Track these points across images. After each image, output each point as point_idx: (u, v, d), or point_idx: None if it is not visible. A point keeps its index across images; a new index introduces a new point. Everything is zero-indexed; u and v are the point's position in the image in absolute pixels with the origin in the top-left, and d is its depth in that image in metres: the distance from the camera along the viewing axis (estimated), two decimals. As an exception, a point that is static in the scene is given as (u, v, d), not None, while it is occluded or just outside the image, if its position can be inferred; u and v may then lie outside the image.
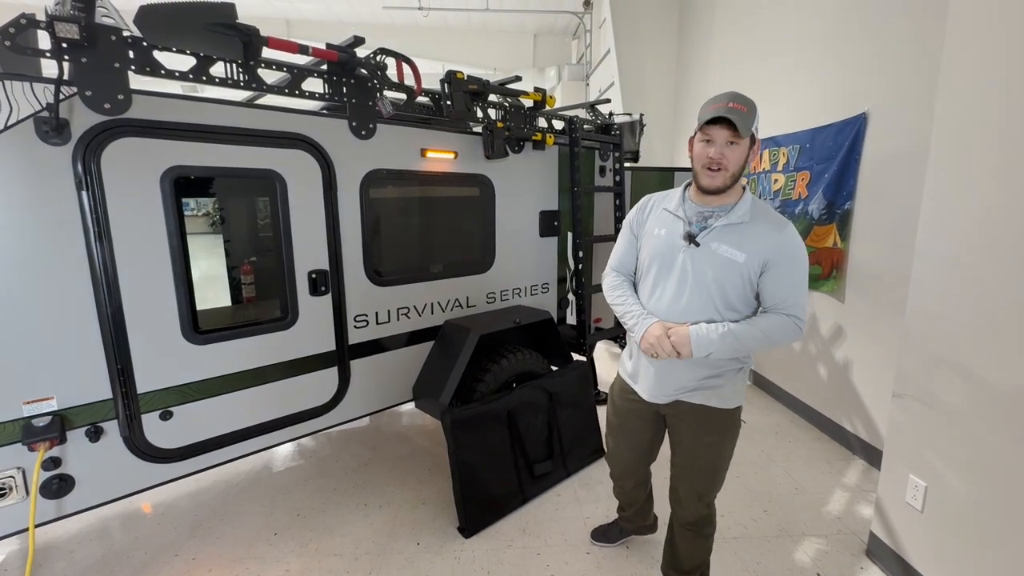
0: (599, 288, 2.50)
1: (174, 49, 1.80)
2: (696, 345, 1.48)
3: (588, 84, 8.42)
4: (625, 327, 1.69)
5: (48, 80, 1.59)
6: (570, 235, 3.40)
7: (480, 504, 2.41)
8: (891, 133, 2.82)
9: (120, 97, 1.70)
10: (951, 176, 1.83)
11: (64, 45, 1.57)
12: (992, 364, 1.68)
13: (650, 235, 1.67)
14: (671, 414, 1.72)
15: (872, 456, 2.94)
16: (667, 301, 1.59)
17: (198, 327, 2.00)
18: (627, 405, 1.82)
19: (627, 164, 3.86)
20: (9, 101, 1.54)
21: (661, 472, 1.89)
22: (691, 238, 1.54)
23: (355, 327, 2.46)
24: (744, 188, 1.57)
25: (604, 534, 2.31)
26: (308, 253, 2.25)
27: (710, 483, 1.73)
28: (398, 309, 2.62)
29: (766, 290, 1.51)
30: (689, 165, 1.60)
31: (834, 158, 3.17)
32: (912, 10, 2.68)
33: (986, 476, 1.71)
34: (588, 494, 2.68)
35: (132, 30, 1.72)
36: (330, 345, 2.38)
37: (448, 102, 2.63)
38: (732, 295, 1.52)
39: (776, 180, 3.80)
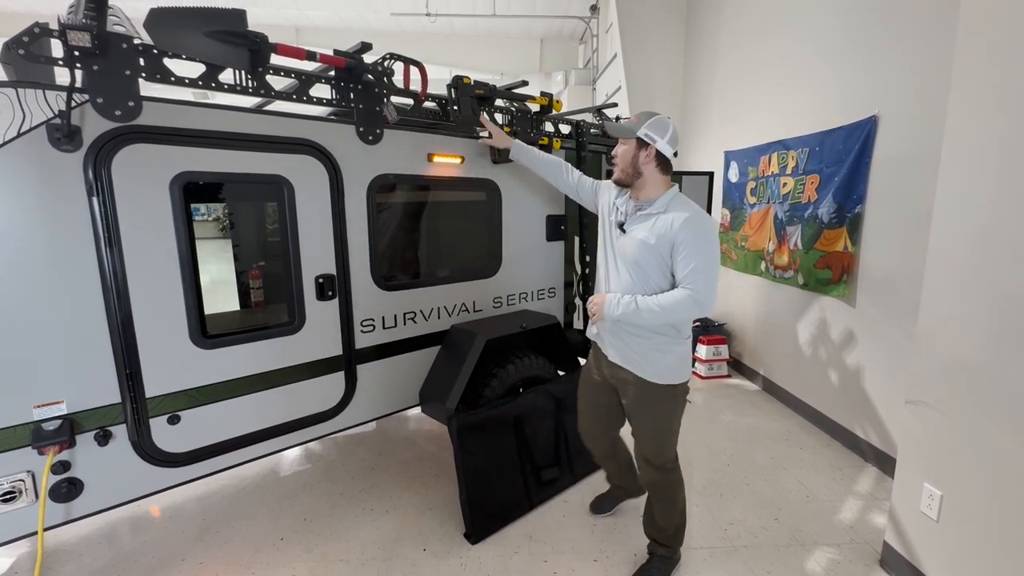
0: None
1: (184, 56, 1.82)
2: (607, 308, 1.84)
3: (595, 89, 8.43)
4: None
5: (60, 88, 1.61)
6: (577, 239, 3.39)
7: (487, 510, 2.40)
8: (902, 136, 2.79)
9: (131, 104, 1.71)
10: (964, 179, 1.80)
11: (76, 53, 1.59)
12: (1008, 369, 1.64)
13: (602, 217, 2.03)
14: (616, 382, 2.00)
15: (885, 463, 2.89)
16: (608, 279, 1.96)
17: (206, 331, 2.01)
18: (588, 375, 2.17)
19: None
20: (23, 108, 1.56)
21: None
22: (620, 226, 1.90)
23: (362, 331, 2.46)
24: (673, 186, 1.87)
25: (599, 505, 2.53)
26: (315, 258, 2.25)
27: (650, 448, 1.98)
28: (405, 314, 2.62)
29: (674, 268, 1.77)
30: (694, 169, 1.62)
31: (844, 161, 3.14)
32: (923, 13, 2.66)
33: (1005, 485, 1.67)
34: (595, 500, 2.65)
35: (143, 38, 1.74)
36: (337, 350, 2.38)
37: (455, 107, 2.64)
38: (651, 273, 1.81)
39: (785, 183, 3.77)
